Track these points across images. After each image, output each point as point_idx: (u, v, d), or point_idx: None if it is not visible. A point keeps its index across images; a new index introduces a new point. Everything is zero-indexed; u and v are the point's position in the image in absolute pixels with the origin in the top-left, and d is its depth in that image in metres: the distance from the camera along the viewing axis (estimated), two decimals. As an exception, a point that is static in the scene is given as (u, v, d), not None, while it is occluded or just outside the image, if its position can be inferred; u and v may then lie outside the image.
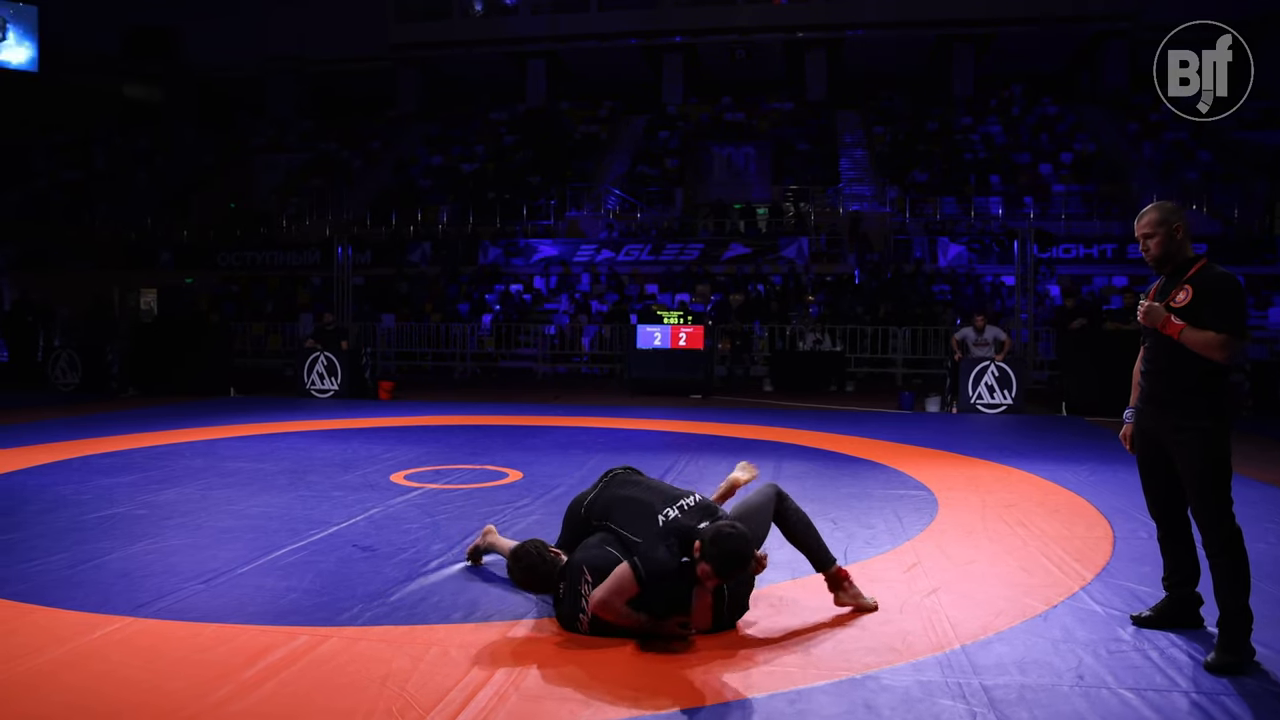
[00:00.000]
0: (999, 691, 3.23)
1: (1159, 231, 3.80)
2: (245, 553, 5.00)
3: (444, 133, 32.22)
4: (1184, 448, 3.66)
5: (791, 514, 4.12)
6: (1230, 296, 3.65)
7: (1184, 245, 3.81)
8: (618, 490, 4.17)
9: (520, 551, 4.20)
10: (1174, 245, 3.78)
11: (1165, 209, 3.84)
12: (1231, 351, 3.59)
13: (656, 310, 16.16)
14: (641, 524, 3.87)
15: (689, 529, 3.73)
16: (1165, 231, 3.78)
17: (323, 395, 14.00)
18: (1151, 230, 3.83)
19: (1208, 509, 3.59)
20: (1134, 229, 3.93)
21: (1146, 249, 3.86)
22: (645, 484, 4.23)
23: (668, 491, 4.10)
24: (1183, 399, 3.71)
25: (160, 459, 8.18)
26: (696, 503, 3.98)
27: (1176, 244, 3.78)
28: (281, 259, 25.48)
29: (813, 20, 32.10)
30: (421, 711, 3.07)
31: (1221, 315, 3.61)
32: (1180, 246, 3.80)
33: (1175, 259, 3.81)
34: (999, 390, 12.54)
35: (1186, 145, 26.04)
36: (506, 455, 8.48)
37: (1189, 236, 3.85)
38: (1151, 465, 3.88)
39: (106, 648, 3.62)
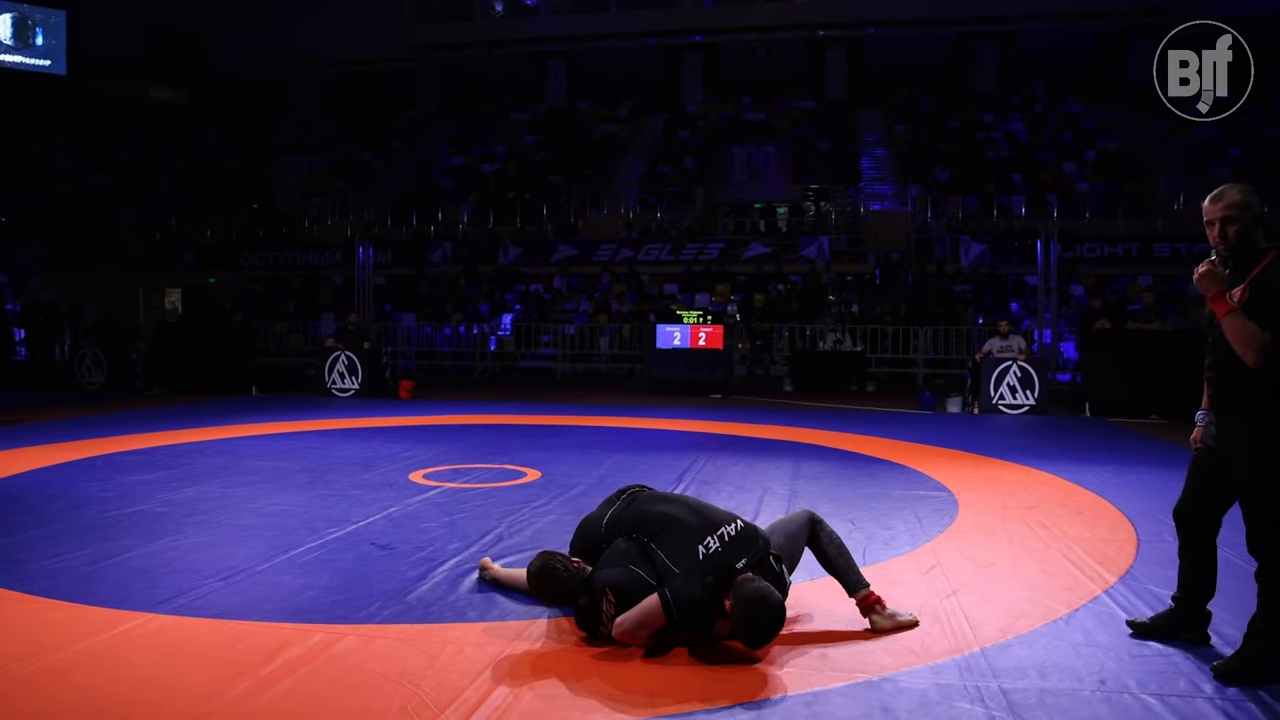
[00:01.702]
0: (1018, 695, 3.20)
1: (1243, 216, 3.32)
2: (264, 550, 5.03)
3: (465, 133, 32.32)
4: (1242, 453, 3.36)
5: (826, 541, 4.02)
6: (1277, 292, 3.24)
7: (1256, 234, 3.36)
8: (651, 506, 3.94)
9: (547, 570, 3.93)
10: (1254, 232, 3.34)
11: (1249, 191, 3.37)
12: (1266, 356, 3.19)
13: (676, 310, 16.15)
14: (682, 552, 3.66)
15: (728, 569, 3.58)
16: (1249, 217, 3.32)
17: (343, 394, 14.07)
18: (1235, 213, 3.33)
19: (1262, 520, 3.32)
20: (1205, 211, 3.43)
21: (1224, 235, 3.35)
22: (683, 502, 3.98)
23: (708, 515, 3.82)
24: (1241, 402, 3.36)
25: (182, 457, 8.25)
26: (738, 531, 3.72)
27: (1252, 233, 3.34)
28: (303, 259, 25.64)
29: (833, 18, 31.97)
30: (436, 710, 3.07)
31: (1269, 313, 3.22)
32: (1257, 236, 3.36)
33: (1248, 250, 3.36)
34: (1021, 391, 12.46)
35: (1216, 142, 25.76)
36: (525, 455, 8.49)
37: (1263, 224, 3.39)
38: (1203, 468, 3.59)
39: (127, 643, 3.65)
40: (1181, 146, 25.97)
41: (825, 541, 4.02)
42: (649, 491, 4.13)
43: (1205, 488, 3.58)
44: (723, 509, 3.93)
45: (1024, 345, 13.11)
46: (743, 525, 3.77)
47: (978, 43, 32.23)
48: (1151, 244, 21.51)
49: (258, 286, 25.03)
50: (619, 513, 4.02)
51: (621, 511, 4.01)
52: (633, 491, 4.14)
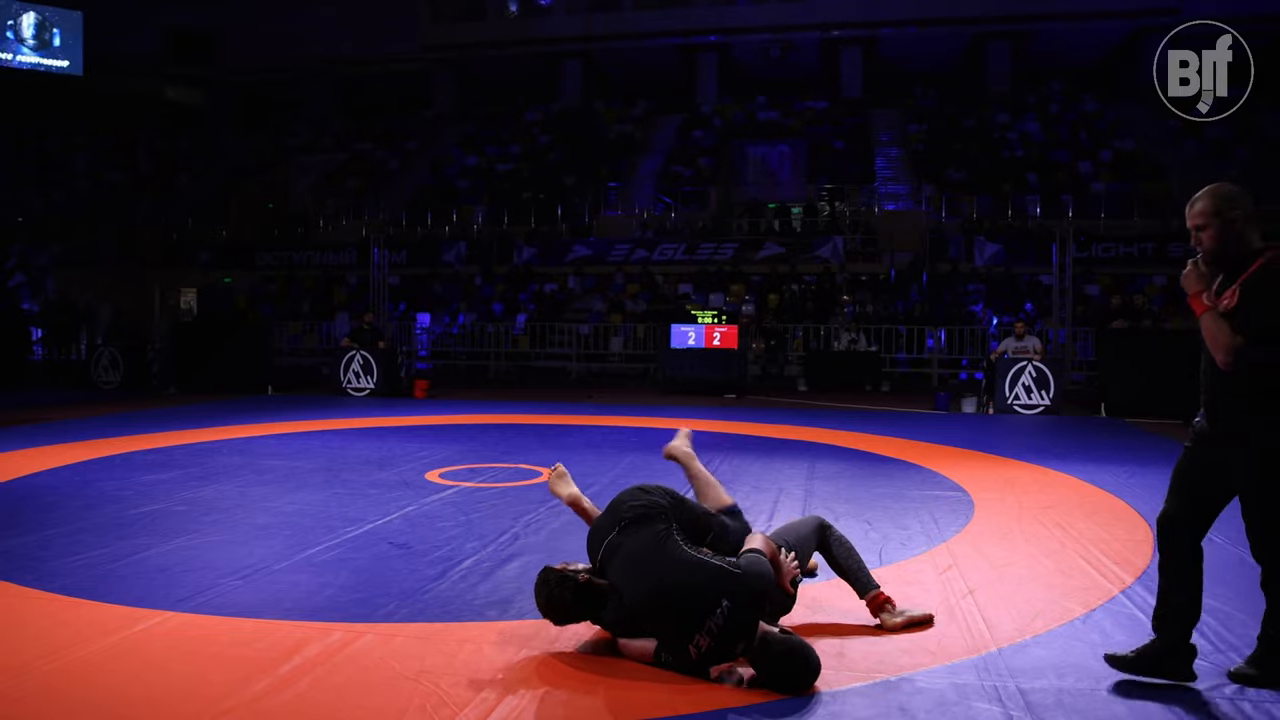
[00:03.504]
0: (1036, 696, 3.20)
1: (1212, 223, 3.19)
2: (282, 549, 5.06)
3: (479, 133, 32.37)
4: (1241, 464, 3.18)
5: (835, 546, 4.04)
6: (1268, 298, 3.06)
7: (1246, 236, 3.17)
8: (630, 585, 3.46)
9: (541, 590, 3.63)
10: (1232, 237, 3.17)
11: (1220, 194, 3.21)
12: (1236, 359, 3.06)
13: (690, 310, 16.15)
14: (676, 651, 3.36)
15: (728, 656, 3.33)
16: (1220, 222, 3.17)
17: (359, 394, 14.13)
18: (1204, 220, 3.21)
19: (1266, 538, 3.17)
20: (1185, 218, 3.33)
21: (1198, 241, 3.25)
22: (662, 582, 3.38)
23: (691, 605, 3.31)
24: (1236, 407, 3.19)
25: (199, 456, 8.30)
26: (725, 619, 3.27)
27: (1236, 235, 3.16)
28: (318, 259, 25.74)
29: (847, 18, 31.89)
30: (455, 708, 3.08)
31: (1249, 312, 3.07)
32: (1241, 238, 3.17)
33: (1235, 253, 3.18)
34: (1036, 391, 12.41)
35: (1228, 142, 25.60)
36: (540, 454, 8.50)
37: (1255, 224, 3.19)
38: (1194, 471, 3.37)
39: (149, 641, 3.68)
40: (1194, 146, 25.81)
41: (835, 546, 4.04)
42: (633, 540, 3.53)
43: (1196, 493, 3.35)
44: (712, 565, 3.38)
45: (1039, 346, 13.06)
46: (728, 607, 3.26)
47: (992, 42, 32.10)
48: (1166, 243, 21.39)
49: (273, 286, 25.14)
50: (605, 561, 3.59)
51: (606, 563, 3.58)
52: (623, 520, 3.61)
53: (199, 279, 25.00)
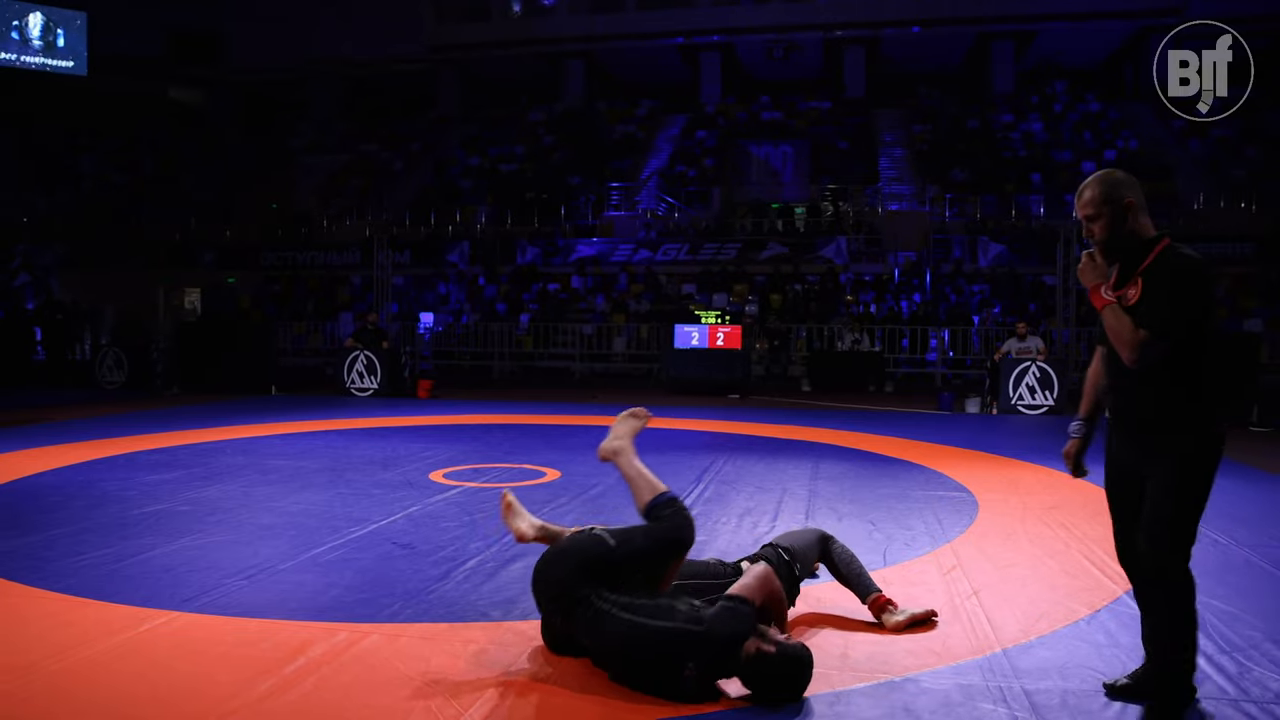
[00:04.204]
0: (1041, 696, 3.20)
1: (1103, 212, 3.01)
2: (286, 549, 5.06)
3: (482, 133, 32.39)
4: (1158, 471, 2.98)
5: (837, 556, 4.08)
6: (1177, 287, 2.89)
7: (1139, 223, 3.01)
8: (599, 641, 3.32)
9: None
10: (1124, 225, 3.00)
11: (1110, 180, 3.04)
12: (1141, 355, 2.87)
13: (694, 310, 16.15)
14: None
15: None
16: (1112, 210, 3.00)
17: (362, 394, 14.14)
18: (1094, 210, 3.03)
19: (1159, 540, 2.94)
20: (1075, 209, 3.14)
21: (1090, 232, 3.05)
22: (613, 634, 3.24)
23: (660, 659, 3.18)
24: (1157, 413, 2.99)
25: (203, 456, 8.31)
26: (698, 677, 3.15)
27: (1127, 223, 3.00)
28: (322, 259, 25.77)
29: (851, 18, 31.85)
30: (460, 709, 3.09)
31: (1154, 308, 2.88)
32: (1134, 226, 3.01)
33: (1128, 242, 3.02)
34: (1040, 391, 12.40)
35: (1234, 142, 25.57)
36: (544, 454, 8.51)
37: (1145, 210, 3.04)
38: (1123, 500, 3.17)
39: (154, 641, 3.68)
40: (1199, 146, 25.79)
41: (837, 556, 4.08)
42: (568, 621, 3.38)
43: (1132, 507, 3.13)
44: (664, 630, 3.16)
45: (1042, 346, 13.05)
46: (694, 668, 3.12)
47: (996, 42, 32.05)
48: (1172, 243, 21.36)
49: (276, 286, 25.17)
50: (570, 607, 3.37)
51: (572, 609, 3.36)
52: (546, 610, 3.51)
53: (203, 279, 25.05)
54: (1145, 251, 2.99)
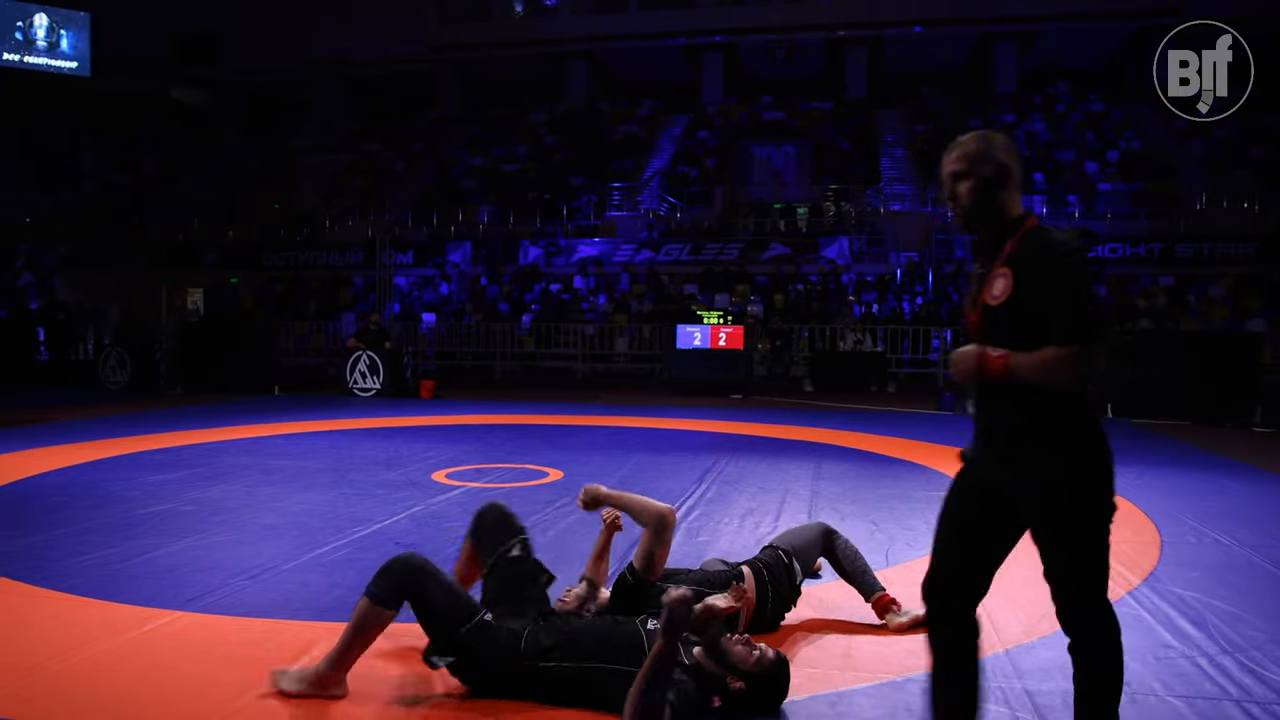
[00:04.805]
0: (1043, 697, 3.20)
1: (980, 170, 2.51)
2: (290, 549, 5.07)
3: (485, 133, 32.41)
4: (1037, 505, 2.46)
5: (841, 552, 4.06)
6: (1069, 276, 2.38)
7: (1007, 198, 2.52)
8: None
9: None
10: (995, 194, 2.51)
11: (989, 138, 2.57)
12: (1084, 369, 2.35)
13: (696, 310, 16.16)
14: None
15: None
16: (986, 172, 2.51)
17: (365, 394, 14.15)
18: (966, 167, 2.53)
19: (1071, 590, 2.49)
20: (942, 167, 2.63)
21: (954, 196, 2.56)
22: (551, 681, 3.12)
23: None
24: (1025, 436, 2.46)
25: (206, 456, 8.32)
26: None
27: (999, 193, 2.51)
28: (325, 259, 25.81)
29: (853, 18, 31.85)
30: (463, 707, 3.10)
31: (1056, 311, 2.35)
32: (1004, 200, 2.52)
33: (992, 218, 2.53)
34: (1043, 391, 12.37)
35: (1237, 142, 25.55)
36: (547, 454, 8.51)
37: (1018, 186, 2.55)
38: (966, 514, 2.61)
39: (158, 640, 3.69)
40: (1201, 146, 25.77)
41: (840, 552, 4.07)
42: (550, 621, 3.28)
43: (975, 541, 2.59)
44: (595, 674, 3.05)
45: None
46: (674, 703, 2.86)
47: (998, 42, 32.05)
48: (1174, 244, 21.38)
49: (279, 286, 25.19)
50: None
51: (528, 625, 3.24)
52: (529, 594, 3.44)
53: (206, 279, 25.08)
54: (1009, 234, 2.50)
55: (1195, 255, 21.13)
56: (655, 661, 2.73)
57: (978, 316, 2.52)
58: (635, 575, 3.64)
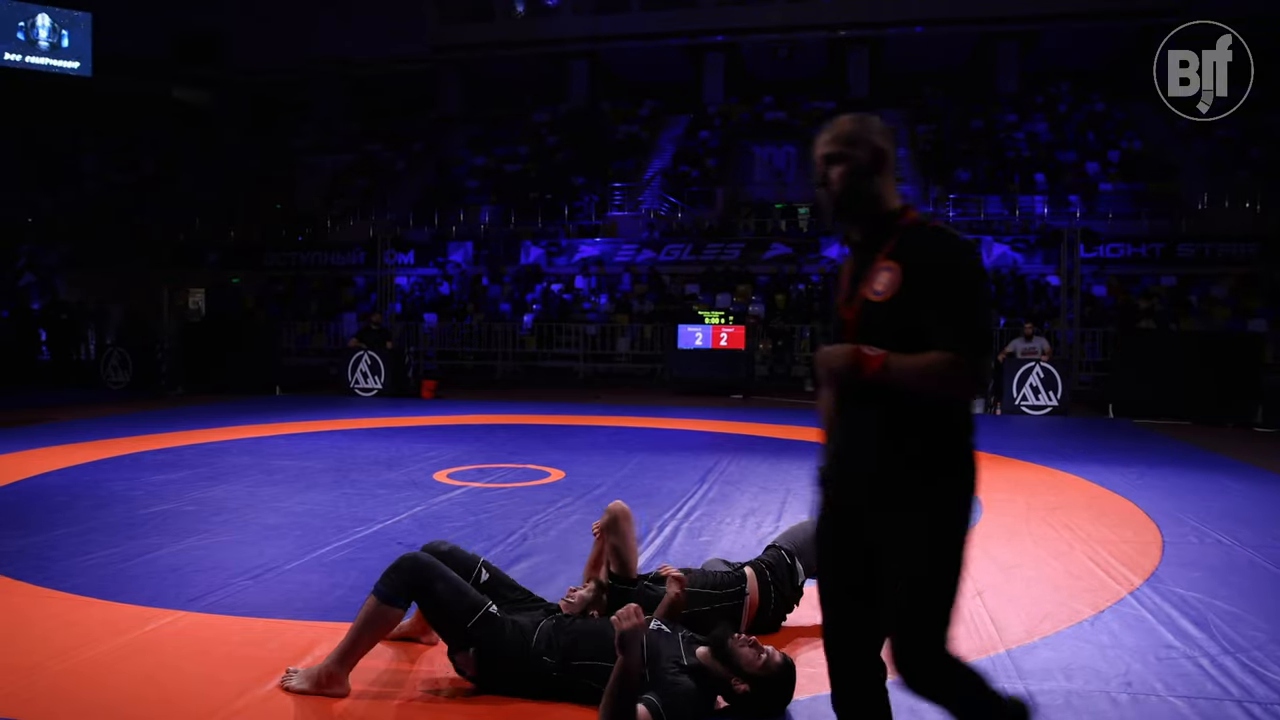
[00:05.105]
0: (1045, 698, 3.20)
1: (852, 154, 2.24)
2: (292, 549, 5.07)
3: (486, 133, 32.41)
4: (892, 540, 2.21)
5: None
6: (972, 278, 2.15)
7: (883, 186, 2.26)
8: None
9: None
10: (870, 180, 2.24)
11: (867, 121, 2.29)
12: (972, 383, 2.11)
13: (697, 310, 16.16)
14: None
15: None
16: (861, 155, 2.24)
17: (366, 394, 14.15)
18: (841, 150, 2.25)
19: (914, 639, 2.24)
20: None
21: (825, 181, 2.27)
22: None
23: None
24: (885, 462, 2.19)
25: (208, 456, 8.32)
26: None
27: (875, 180, 2.25)
28: (326, 259, 25.81)
29: (855, 18, 31.85)
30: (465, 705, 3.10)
31: (952, 315, 2.10)
32: (880, 189, 2.25)
33: (867, 208, 2.26)
34: (1044, 391, 12.39)
35: (1238, 142, 25.52)
36: (548, 454, 8.52)
37: (894, 174, 2.32)
38: (842, 558, 2.31)
39: (160, 640, 3.70)
40: (1203, 146, 25.74)
41: None
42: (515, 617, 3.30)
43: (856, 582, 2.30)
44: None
45: (1047, 347, 13.04)
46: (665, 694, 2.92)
47: (1000, 42, 32.03)
48: (1175, 244, 21.36)
49: (280, 286, 25.20)
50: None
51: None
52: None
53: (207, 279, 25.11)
54: (888, 225, 2.25)
55: (1197, 255, 21.13)
56: (618, 674, 2.79)
57: (854, 313, 2.25)
58: (616, 579, 3.66)
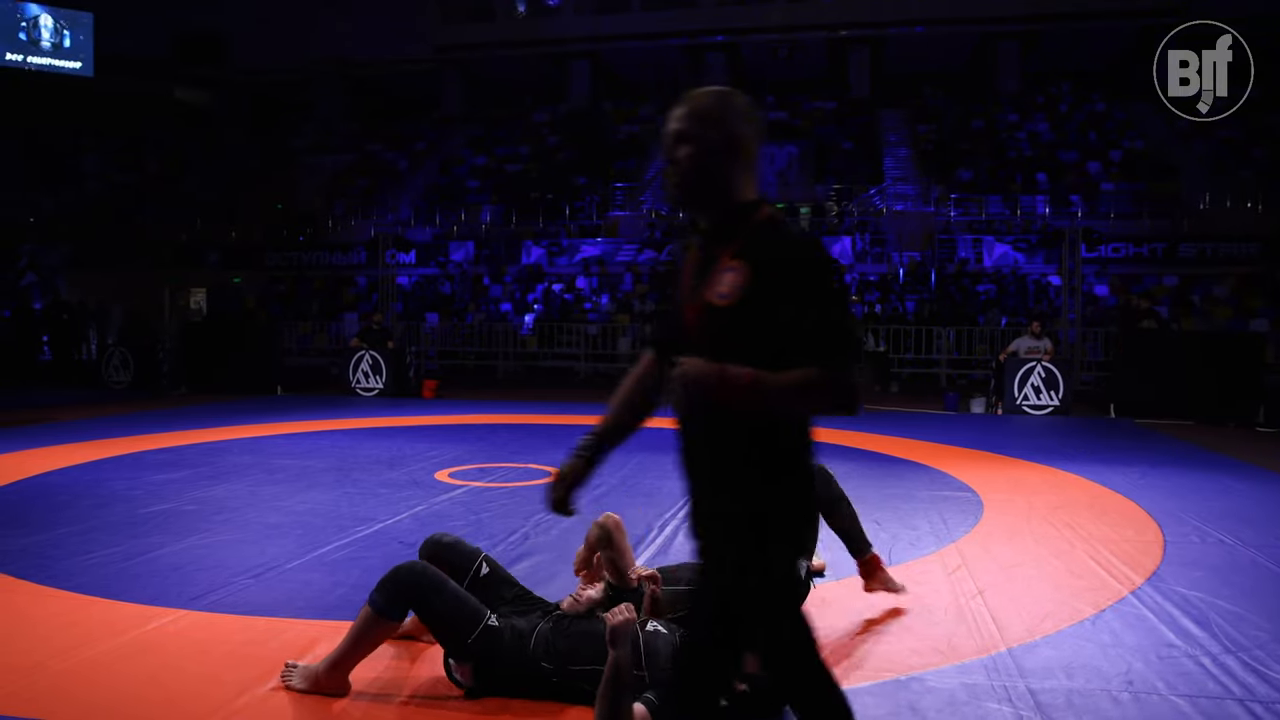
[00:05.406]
0: (1046, 696, 3.20)
1: (703, 135, 1.98)
2: (293, 548, 5.08)
3: (488, 133, 32.42)
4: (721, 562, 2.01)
5: (838, 498, 4.15)
6: (822, 276, 1.90)
7: (738, 176, 1.99)
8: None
9: None
10: (723, 167, 1.98)
11: (725, 100, 2.01)
12: (846, 397, 1.87)
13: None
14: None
15: None
16: (714, 139, 1.97)
17: (368, 394, 14.16)
18: (691, 128, 1.99)
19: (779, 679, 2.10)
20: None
21: (673, 163, 2.02)
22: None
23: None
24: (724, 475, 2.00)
25: (209, 456, 8.33)
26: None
27: (728, 168, 1.98)
28: (327, 259, 25.83)
29: (855, 18, 31.85)
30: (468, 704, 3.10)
31: (813, 323, 1.86)
32: (731, 176, 1.99)
33: (715, 198, 2.00)
34: (1045, 391, 12.38)
35: (1240, 142, 25.50)
36: (549, 454, 8.51)
37: (753, 165, 2.02)
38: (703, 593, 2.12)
39: (162, 639, 3.70)
40: (1204, 146, 25.73)
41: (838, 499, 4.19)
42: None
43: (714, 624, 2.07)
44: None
45: (1050, 346, 13.03)
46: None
47: (1001, 42, 32.03)
48: (1177, 244, 21.36)
49: (281, 286, 25.22)
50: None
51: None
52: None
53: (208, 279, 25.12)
54: (738, 219, 1.99)
55: (1198, 255, 21.12)
56: (610, 671, 2.80)
57: (695, 315, 1.98)
58: (614, 589, 3.66)
